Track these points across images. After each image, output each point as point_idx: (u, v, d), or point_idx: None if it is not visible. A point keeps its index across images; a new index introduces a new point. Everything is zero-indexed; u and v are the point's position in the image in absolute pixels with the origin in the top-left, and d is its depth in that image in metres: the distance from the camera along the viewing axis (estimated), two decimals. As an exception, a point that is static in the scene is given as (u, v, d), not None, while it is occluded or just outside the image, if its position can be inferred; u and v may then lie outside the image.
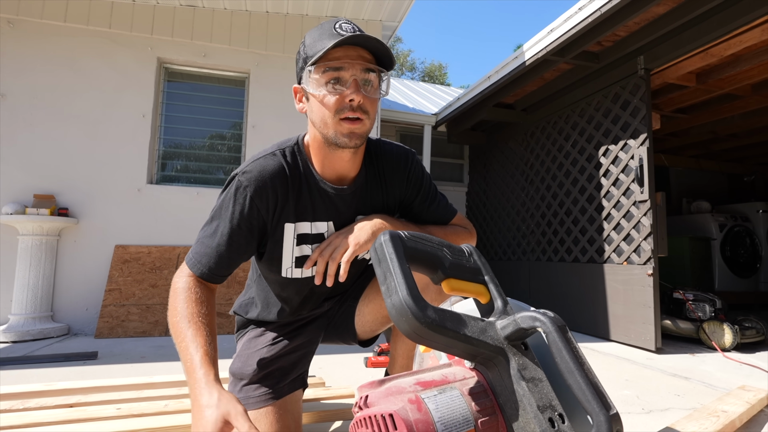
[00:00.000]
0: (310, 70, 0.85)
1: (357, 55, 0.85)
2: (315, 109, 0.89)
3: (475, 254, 0.58)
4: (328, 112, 0.86)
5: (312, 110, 0.90)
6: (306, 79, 0.87)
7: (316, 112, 0.88)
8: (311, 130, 0.95)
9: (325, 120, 0.87)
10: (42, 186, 3.17)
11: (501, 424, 0.46)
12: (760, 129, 4.54)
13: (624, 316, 2.88)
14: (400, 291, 0.44)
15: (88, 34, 3.40)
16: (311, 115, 0.91)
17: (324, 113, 0.87)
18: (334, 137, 0.88)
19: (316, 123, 0.90)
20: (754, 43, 2.61)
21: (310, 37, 0.88)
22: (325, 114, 0.87)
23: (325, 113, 0.86)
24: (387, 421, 0.41)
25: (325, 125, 0.88)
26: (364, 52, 0.86)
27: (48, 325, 2.92)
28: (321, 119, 0.88)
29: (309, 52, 0.86)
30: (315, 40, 0.86)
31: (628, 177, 2.92)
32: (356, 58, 0.85)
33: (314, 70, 0.85)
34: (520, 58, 3.35)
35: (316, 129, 0.92)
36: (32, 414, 1.34)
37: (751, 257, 4.58)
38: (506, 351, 0.46)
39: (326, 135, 0.90)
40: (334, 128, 0.87)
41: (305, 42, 0.89)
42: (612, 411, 0.40)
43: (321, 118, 0.88)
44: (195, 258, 0.90)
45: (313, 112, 0.90)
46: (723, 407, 1.50)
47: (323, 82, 0.85)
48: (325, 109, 0.86)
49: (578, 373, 0.42)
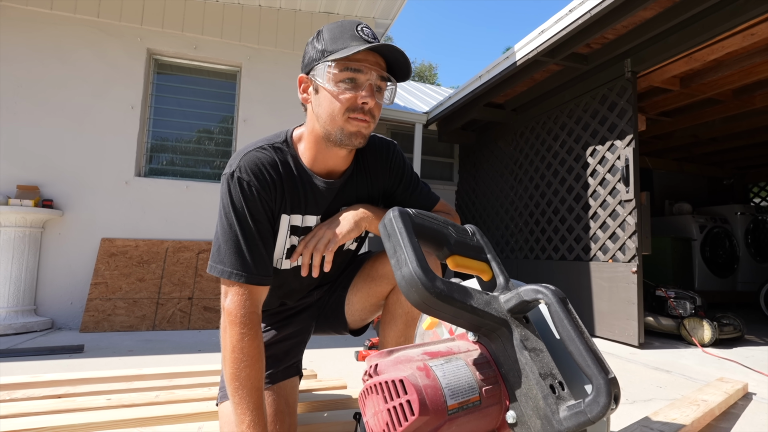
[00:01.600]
0: (329, 65, 0.86)
1: (375, 61, 0.88)
2: (324, 103, 0.89)
3: (477, 234, 0.60)
4: (340, 107, 0.87)
5: (320, 103, 0.90)
6: (322, 72, 0.88)
7: (325, 106, 0.89)
8: (311, 123, 0.95)
9: (333, 115, 0.89)
10: (26, 177, 3.10)
11: (504, 392, 0.48)
12: (739, 134, 4.70)
13: (609, 313, 2.95)
14: (410, 263, 0.46)
15: (76, 22, 3.33)
16: (318, 108, 0.91)
17: (334, 108, 0.88)
18: (339, 134, 0.90)
19: (322, 116, 0.91)
20: (735, 49, 2.71)
21: (330, 32, 0.89)
22: (335, 109, 0.88)
23: (335, 109, 0.88)
24: (397, 386, 0.42)
25: (333, 120, 0.89)
26: (381, 60, 0.89)
27: (31, 319, 2.86)
28: (329, 114, 0.89)
29: (329, 47, 0.87)
30: (336, 36, 0.88)
31: (614, 177, 2.99)
32: (374, 64, 0.88)
33: (334, 66, 0.86)
34: (511, 58, 3.40)
35: (318, 123, 0.92)
36: (19, 404, 1.32)
37: (730, 258, 4.73)
38: (509, 323, 0.48)
39: (330, 131, 0.91)
40: (341, 125, 0.89)
41: (323, 36, 0.89)
42: (611, 375, 0.43)
43: (329, 113, 0.89)
44: (232, 267, 0.87)
45: (320, 106, 0.90)
46: (703, 397, 1.56)
47: (340, 80, 0.87)
48: (336, 104, 0.87)
49: (579, 340, 0.44)
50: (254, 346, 0.86)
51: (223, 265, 0.88)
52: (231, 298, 0.88)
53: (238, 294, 0.87)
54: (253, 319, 0.87)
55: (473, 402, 0.44)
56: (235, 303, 0.87)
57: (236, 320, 0.86)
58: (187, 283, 3.18)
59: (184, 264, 3.24)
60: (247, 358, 0.84)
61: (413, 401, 0.41)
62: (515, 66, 3.36)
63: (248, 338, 0.85)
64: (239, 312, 0.86)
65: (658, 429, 1.20)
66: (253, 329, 0.87)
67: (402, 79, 0.93)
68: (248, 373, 0.84)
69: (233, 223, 0.89)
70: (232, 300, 0.87)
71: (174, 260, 3.23)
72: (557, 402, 0.43)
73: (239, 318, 0.86)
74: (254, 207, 0.90)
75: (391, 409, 0.42)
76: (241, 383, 0.84)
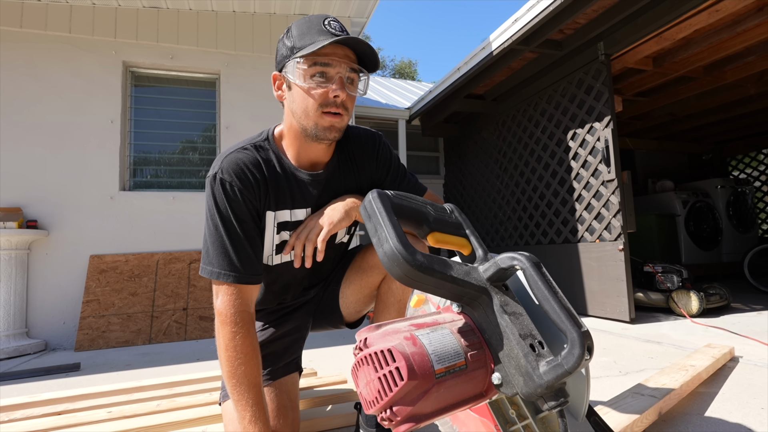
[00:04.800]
0: (299, 61, 0.88)
1: (344, 54, 0.90)
2: (297, 100, 0.91)
3: (456, 211, 0.62)
4: (313, 103, 0.89)
5: (294, 100, 0.92)
6: (292, 69, 0.89)
7: (299, 102, 0.91)
8: (288, 119, 0.97)
9: (307, 111, 0.91)
10: (7, 198, 3.05)
11: (488, 357, 0.50)
12: (713, 109, 4.82)
13: (599, 291, 3.02)
14: (390, 239, 0.48)
15: (48, 39, 3.29)
16: (292, 104, 0.94)
17: (307, 104, 0.90)
18: (314, 129, 0.92)
19: (297, 113, 0.93)
20: (702, 26, 2.78)
21: (298, 28, 0.91)
22: (309, 105, 0.90)
23: (309, 105, 0.90)
24: (386, 355, 0.45)
25: (307, 116, 0.91)
26: (350, 52, 0.91)
27: (23, 342, 2.82)
28: (303, 110, 0.91)
29: (298, 44, 0.89)
30: (303, 32, 0.89)
31: (595, 158, 3.05)
32: (343, 57, 0.89)
33: (302, 62, 0.88)
34: (487, 48, 3.44)
35: (294, 119, 0.95)
36: (19, 425, 1.31)
37: (713, 231, 4.85)
38: (489, 290, 0.51)
39: (306, 126, 0.93)
40: (315, 120, 0.91)
41: (292, 32, 0.91)
42: (583, 329, 0.45)
43: (303, 109, 0.91)
44: (220, 268, 0.89)
45: (294, 102, 0.92)
46: (691, 362, 1.61)
47: (310, 75, 0.88)
48: (309, 100, 0.89)
49: (553, 299, 0.47)
50: (247, 343, 0.88)
51: (212, 266, 0.90)
52: (221, 298, 0.89)
53: (227, 294, 0.89)
54: (244, 318, 0.89)
55: (459, 366, 0.47)
56: (226, 302, 0.89)
57: (227, 319, 0.88)
58: (180, 294, 3.17)
59: (176, 275, 3.22)
60: (241, 356, 0.86)
61: (402, 367, 0.43)
62: (492, 56, 3.41)
63: (240, 336, 0.87)
64: (230, 311, 0.88)
65: (648, 394, 1.25)
66: (244, 327, 0.88)
67: (372, 70, 0.95)
68: (244, 369, 0.86)
69: (218, 225, 0.91)
70: (223, 300, 0.89)
71: (166, 272, 3.21)
72: (537, 359, 0.46)
73: (230, 317, 0.88)
74: (238, 207, 0.91)
75: (382, 377, 0.44)
76: (239, 380, 0.85)
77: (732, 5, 2.52)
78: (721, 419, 1.23)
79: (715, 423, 1.21)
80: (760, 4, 2.65)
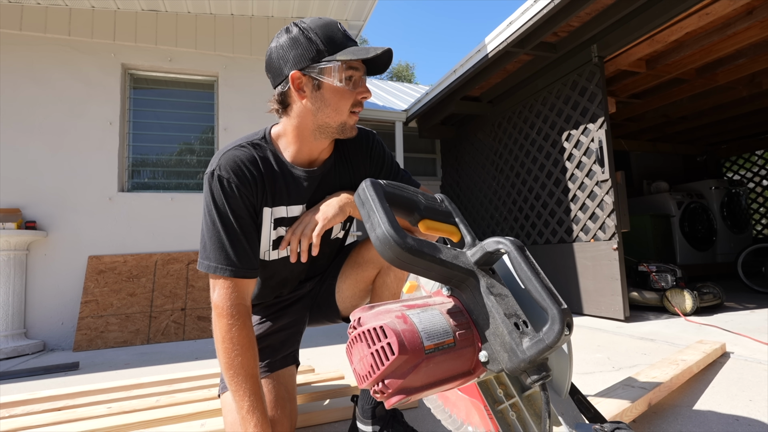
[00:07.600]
0: (336, 65, 0.92)
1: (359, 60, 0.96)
2: (329, 99, 0.95)
3: (446, 200, 0.65)
4: (346, 103, 0.95)
5: (323, 99, 0.95)
6: (328, 70, 0.92)
7: (331, 101, 0.95)
8: (299, 118, 0.98)
9: (340, 109, 0.96)
10: (6, 200, 3.07)
11: (476, 336, 0.53)
12: (706, 111, 4.88)
13: (594, 290, 3.05)
14: (382, 224, 0.51)
15: (47, 41, 3.31)
16: (318, 102, 0.95)
17: (341, 103, 0.95)
18: (340, 126, 0.97)
19: (324, 111, 0.95)
20: (693, 29, 2.83)
21: (322, 30, 0.93)
22: (342, 105, 0.95)
23: (342, 104, 0.95)
24: (378, 332, 0.47)
25: (338, 114, 0.96)
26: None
27: (22, 342, 2.83)
28: (335, 108, 0.95)
29: (330, 48, 0.92)
30: (329, 36, 0.93)
31: (589, 159, 3.09)
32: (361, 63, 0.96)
33: (341, 65, 0.92)
34: (482, 51, 3.48)
35: (312, 117, 0.97)
36: (19, 420, 1.32)
37: (708, 231, 4.90)
38: (476, 273, 0.54)
39: (330, 123, 0.97)
40: (345, 118, 0.97)
41: (316, 33, 0.92)
42: (563, 306, 0.48)
43: (335, 108, 0.95)
44: (217, 262, 0.92)
45: (323, 101, 0.95)
46: (682, 357, 1.64)
47: (346, 77, 0.94)
48: (345, 100, 0.95)
49: (535, 279, 0.50)
50: (243, 335, 0.90)
51: (209, 260, 0.93)
52: (218, 291, 0.92)
53: (223, 287, 0.92)
54: (240, 310, 0.92)
55: (448, 344, 0.49)
56: (222, 296, 0.91)
57: (223, 312, 0.90)
58: (179, 294, 3.18)
59: (174, 276, 3.24)
60: (237, 347, 0.89)
61: (393, 343, 0.46)
62: (487, 58, 3.45)
63: (236, 328, 0.90)
64: (225, 304, 0.91)
65: (639, 386, 1.27)
66: (240, 319, 0.91)
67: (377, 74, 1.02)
68: (241, 360, 0.88)
69: (216, 220, 0.93)
70: (219, 293, 0.92)
71: (164, 273, 3.23)
72: (521, 336, 0.49)
73: (226, 309, 0.91)
74: (235, 203, 0.94)
75: (374, 352, 0.47)
76: (236, 371, 0.88)
77: (722, 9, 2.57)
78: (711, 410, 1.26)
79: (704, 414, 1.24)
80: (749, 8, 2.70)
